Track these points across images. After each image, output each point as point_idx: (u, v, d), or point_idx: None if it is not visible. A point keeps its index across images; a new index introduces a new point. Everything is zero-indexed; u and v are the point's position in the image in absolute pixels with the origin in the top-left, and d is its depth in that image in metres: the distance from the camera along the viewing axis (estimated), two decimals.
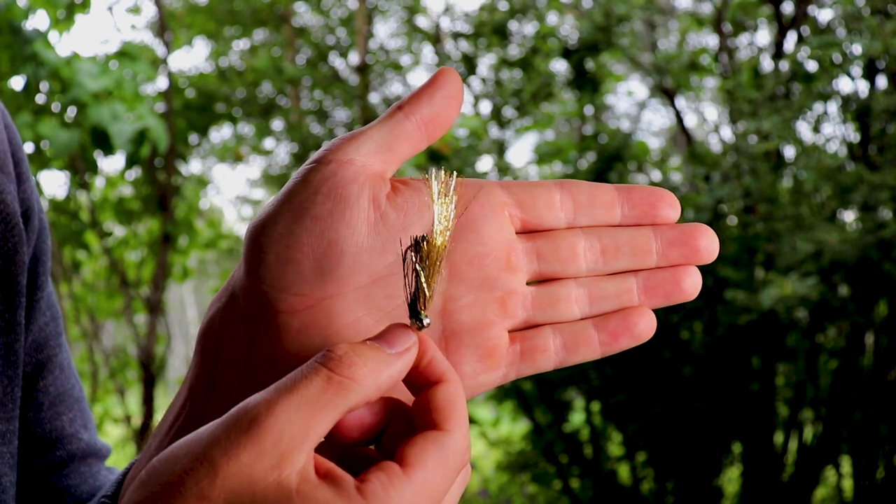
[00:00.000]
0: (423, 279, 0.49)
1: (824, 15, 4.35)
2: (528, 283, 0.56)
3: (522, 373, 0.55)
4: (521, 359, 0.55)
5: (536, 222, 0.56)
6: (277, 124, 5.97)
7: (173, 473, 0.43)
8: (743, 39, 4.79)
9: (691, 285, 0.56)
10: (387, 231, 0.52)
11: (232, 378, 0.53)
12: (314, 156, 0.53)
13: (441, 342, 0.54)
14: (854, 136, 4.04)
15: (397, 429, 0.48)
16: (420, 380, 0.48)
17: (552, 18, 4.95)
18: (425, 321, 0.49)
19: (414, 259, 0.49)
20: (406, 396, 0.50)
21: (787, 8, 4.26)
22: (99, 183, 5.05)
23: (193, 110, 5.21)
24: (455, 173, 0.51)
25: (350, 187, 0.51)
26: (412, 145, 0.54)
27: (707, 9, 4.81)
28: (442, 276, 0.52)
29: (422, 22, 5.49)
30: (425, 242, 0.49)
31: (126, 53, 3.64)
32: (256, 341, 0.52)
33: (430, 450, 0.45)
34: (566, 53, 4.33)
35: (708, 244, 0.56)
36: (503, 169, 4.48)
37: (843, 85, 4.45)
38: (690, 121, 6.27)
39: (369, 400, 0.46)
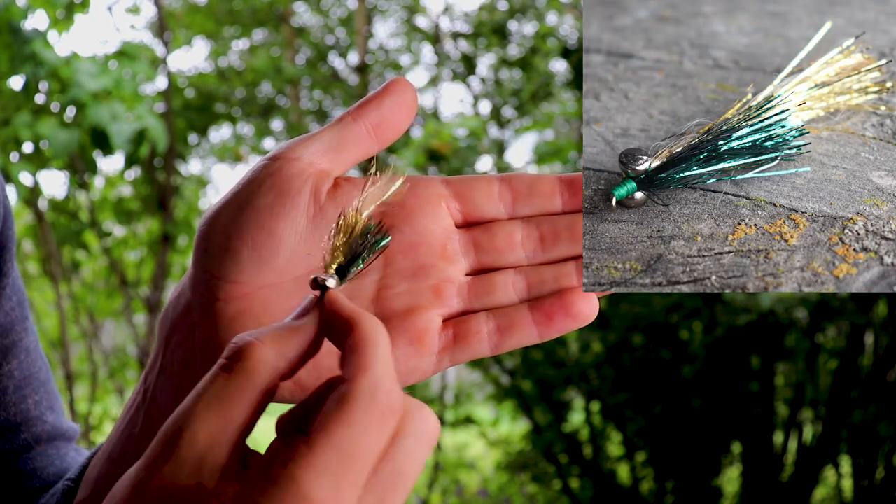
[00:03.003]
0: (336, 243, 0.50)
1: None
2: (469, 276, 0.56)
3: (458, 359, 0.55)
4: (455, 344, 0.55)
5: (477, 214, 0.56)
6: (277, 124, 5.97)
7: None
8: None
9: None
10: (326, 224, 0.53)
11: (176, 363, 0.55)
12: (267, 154, 0.55)
13: None
14: None
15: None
16: (337, 335, 0.46)
17: (552, 18, 4.94)
18: (329, 281, 0.48)
19: (334, 229, 0.50)
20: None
21: None
22: (98, 183, 5.05)
23: (193, 110, 5.21)
24: (398, 170, 0.53)
25: (293, 182, 0.53)
26: (361, 148, 0.55)
27: None
28: (368, 263, 0.51)
29: (421, 22, 5.49)
30: (342, 217, 0.50)
31: (125, 53, 3.63)
32: (197, 329, 0.54)
33: (329, 409, 0.42)
34: (566, 53, 4.33)
35: None
36: (502, 169, 4.48)
37: None
38: None
39: (282, 373, 0.45)
